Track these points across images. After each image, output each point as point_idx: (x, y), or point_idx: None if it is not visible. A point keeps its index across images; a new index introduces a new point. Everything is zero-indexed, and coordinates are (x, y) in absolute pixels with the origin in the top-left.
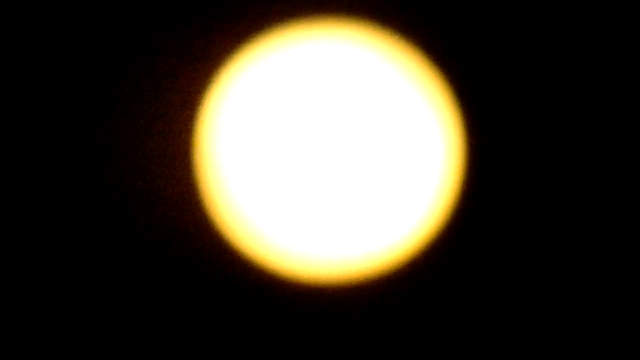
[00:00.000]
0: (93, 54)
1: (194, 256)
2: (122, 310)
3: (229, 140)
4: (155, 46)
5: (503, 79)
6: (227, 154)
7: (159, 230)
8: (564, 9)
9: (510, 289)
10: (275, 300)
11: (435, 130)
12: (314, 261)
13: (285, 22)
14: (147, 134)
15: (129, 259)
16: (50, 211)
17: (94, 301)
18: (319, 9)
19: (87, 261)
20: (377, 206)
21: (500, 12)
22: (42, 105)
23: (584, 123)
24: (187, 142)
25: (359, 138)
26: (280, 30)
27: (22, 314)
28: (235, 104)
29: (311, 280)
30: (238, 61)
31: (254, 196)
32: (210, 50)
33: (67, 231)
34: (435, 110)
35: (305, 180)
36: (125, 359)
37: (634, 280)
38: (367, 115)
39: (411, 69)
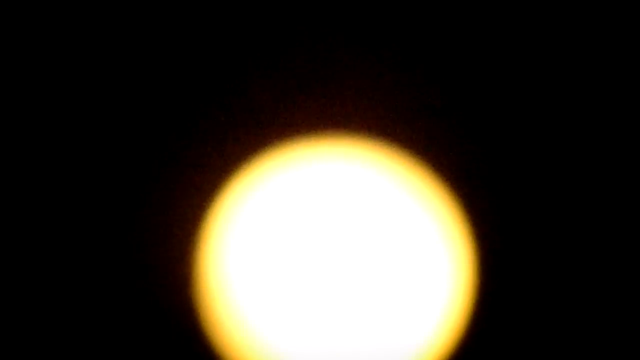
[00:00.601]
0: (101, 159)
1: None
2: None
3: (233, 251)
4: (163, 155)
5: (510, 185)
6: (230, 265)
7: (155, 337)
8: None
9: None
10: None
11: (443, 244)
12: None
13: (292, 138)
14: (150, 243)
15: None
16: (52, 310)
17: None
18: (326, 125)
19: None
20: (386, 322)
21: (501, 124)
22: (49, 206)
23: (595, 222)
24: (191, 250)
25: (365, 252)
26: (286, 145)
27: None
28: (241, 215)
29: None
30: (244, 174)
31: (256, 308)
32: (215, 164)
33: (64, 327)
34: (442, 222)
35: (310, 293)
36: None
37: None
38: (372, 229)
39: (417, 183)
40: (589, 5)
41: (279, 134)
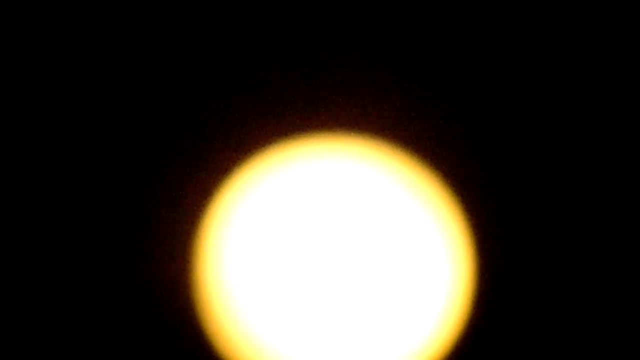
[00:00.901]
0: (100, 158)
1: None
2: None
3: (232, 251)
4: (162, 154)
5: (510, 186)
6: (228, 265)
7: (154, 337)
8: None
9: None
10: None
11: (442, 244)
12: None
13: (291, 137)
14: (149, 242)
15: None
16: (51, 312)
17: None
18: (325, 124)
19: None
20: (384, 322)
21: (504, 126)
22: (48, 210)
23: (595, 222)
24: (190, 249)
25: (364, 252)
26: (285, 144)
27: None
28: (240, 215)
29: None
30: (243, 173)
31: (256, 308)
32: (214, 162)
33: (64, 327)
34: (442, 222)
35: (308, 293)
36: None
37: None
38: (372, 229)
39: (417, 184)
40: (589, 5)
41: (277, 133)
